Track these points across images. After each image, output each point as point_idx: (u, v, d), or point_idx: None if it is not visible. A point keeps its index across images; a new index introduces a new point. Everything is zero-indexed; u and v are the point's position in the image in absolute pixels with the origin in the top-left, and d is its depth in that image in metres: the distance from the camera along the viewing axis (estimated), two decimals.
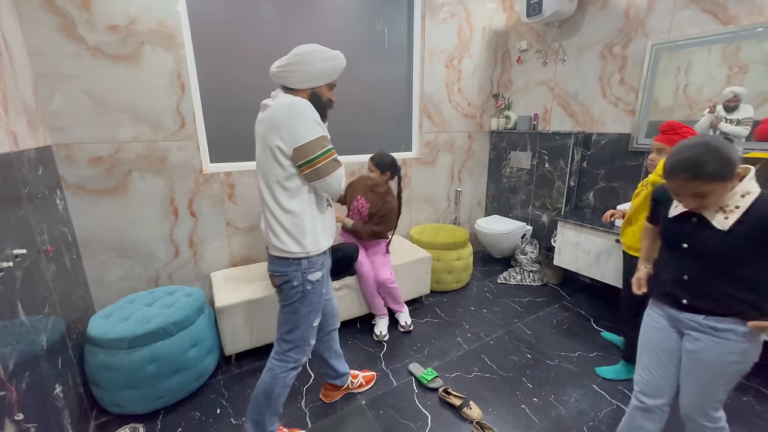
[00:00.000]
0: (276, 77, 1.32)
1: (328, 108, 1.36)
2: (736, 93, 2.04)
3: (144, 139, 1.99)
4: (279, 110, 1.19)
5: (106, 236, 1.99)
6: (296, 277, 1.29)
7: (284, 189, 1.23)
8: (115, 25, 1.82)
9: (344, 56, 1.33)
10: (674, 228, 1.12)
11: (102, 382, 1.60)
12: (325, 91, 1.33)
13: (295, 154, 1.18)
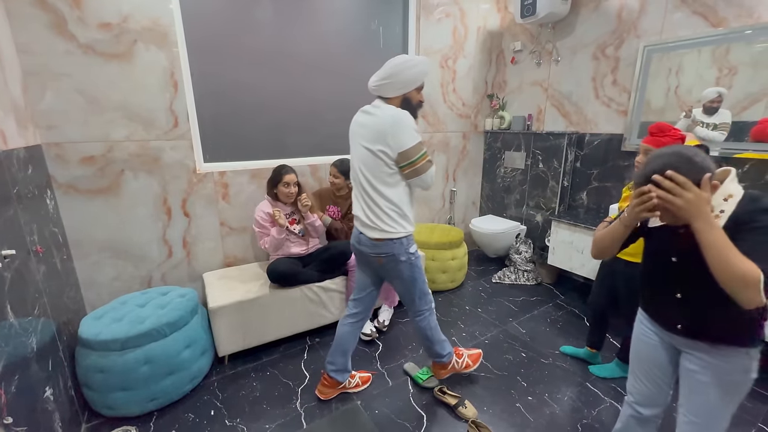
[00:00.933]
0: (374, 91, 1.54)
1: (419, 109, 1.56)
2: (721, 93, 2.05)
3: (137, 138, 1.96)
4: (384, 120, 1.44)
5: (98, 236, 1.97)
6: (402, 253, 1.53)
7: (387, 184, 1.48)
8: (108, 23, 1.80)
9: (426, 61, 1.54)
10: (660, 240, 1.03)
11: (94, 385, 1.58)
12: (415, 95, 1.53)
13: (399, 157, 1.43)
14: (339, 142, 2.71)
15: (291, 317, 2.13)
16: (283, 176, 2.08)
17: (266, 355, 2.09)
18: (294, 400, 1.77)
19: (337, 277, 2.24)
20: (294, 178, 2.11)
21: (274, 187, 2.11)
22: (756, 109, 1.98)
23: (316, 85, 2.53)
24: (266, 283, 2.10)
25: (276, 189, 2.10)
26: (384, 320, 2.29)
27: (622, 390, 1.82)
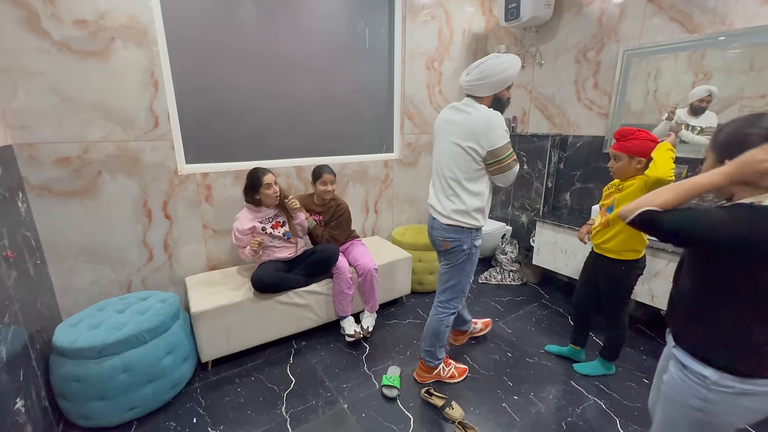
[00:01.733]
0: (467, 90, 1.60)
1: (507, 106, 1.64)
2: (711, 91, 2.05)
3: (115, 138, 1.91)
4: (479, 121, 1.52)
5: (74, 240, 1.90)
6: (467, 242, 1.65)
7: (472, 179, 1.59)
8: (83, 20, 1.74)
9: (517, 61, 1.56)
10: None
11: (69, 394, 1.52)
12: (505, 93, 1.60)
13: (488, 155, 1.53)
14: (325, 143, 2.70)
15: (276, 321, 2.10)
16: (263, 178, 2.03)
17: (251, 360, 2.06)
18: (279, 406, 1.74)
19: (324, 280, 2.22)
20: (273, 177, 2.07)
21: (256, 192, 2.05)
22: (729, 113, 2.05)
23: (301, 86, 2.51)
24: (251, 287, 2.06)
25: (258, 194, 2.05)
26: (368, 326, 2.26)
27: (605, 387, 1.85)
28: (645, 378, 1.91)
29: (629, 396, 1.79)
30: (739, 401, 0.85)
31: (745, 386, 0.83)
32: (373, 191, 2.99)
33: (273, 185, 2.06)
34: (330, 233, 2.33)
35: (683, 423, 0.93)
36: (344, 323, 2.26)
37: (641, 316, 2.47)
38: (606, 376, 1.93)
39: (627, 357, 2.07)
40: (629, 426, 1.63)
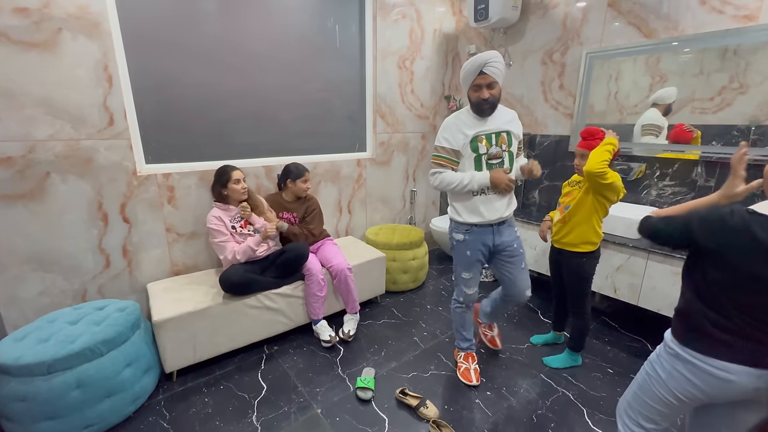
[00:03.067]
0: None
1: (482, 106, 1.62)
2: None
3: (64, 137, 1.77)
4: None
5: (19, 247, 1.75)
6: (451, 233, 1.83)
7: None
8: (25, 8, 1.60)
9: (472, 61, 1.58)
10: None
11: (14, 415, 1.40)
12: (471, 94, 1.63)
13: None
14: (295, 142, 2.63)
15: (246, 326, 2.02)
16: (231, 173, 2.01)
17: (219, 368, 1.98)
18: (250, 414, 1.68)
19: (295, 282, 2.17)
20: (241, 173, 2.06)
21: (224, 187, 2.01)
22: (682, 114, 2.17)
23: (269, 83, 2.43)
24: (219, 292, 1.98)
25: (226, 189, 2.01)
26: (349, 330, 2.23)
27: (572, 379, 1.91)
28: (610, 368, 1.99)
29: (595, 386, 1.86)
30: (675, 363, 0.99)
31: (680, 351, 0.98)
32: (346, 191, 2.95)
33: (242, 181, 2.04)
34: (307, 228, 2.32)
35: (640, 376, 1.11)
36: (318, 328, 2.21)
37: (606, 309, 2.58)
38: (573, 368, 1.99)
39: (592, 348, 2.15)
40: (595, 415, 1.69)
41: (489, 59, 1.55)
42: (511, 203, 1.74)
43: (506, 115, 1.70)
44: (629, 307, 2.24)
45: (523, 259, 1.79)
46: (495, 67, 1.56)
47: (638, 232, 1.06)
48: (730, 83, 1.98)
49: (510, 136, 1.68)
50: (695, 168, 2.14)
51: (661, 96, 2.23)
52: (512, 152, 1.69)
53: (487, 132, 1.65)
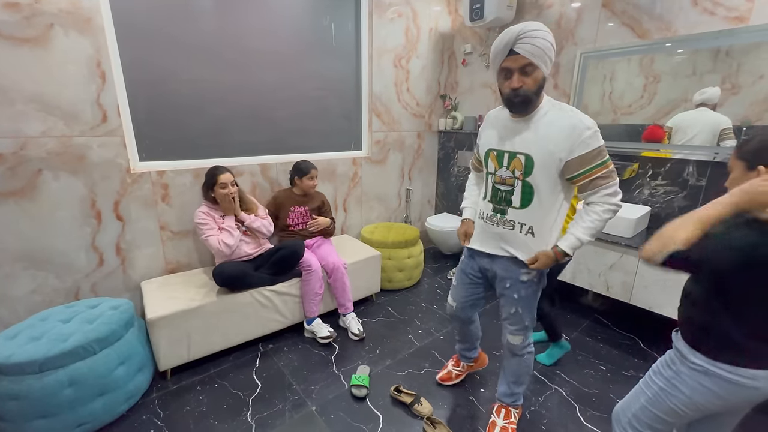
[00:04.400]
0: None
1: (512, 100, 1.19)
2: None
3: (56, 134, 1.75)
4: None
5: (10, 245, 1.73)
6: None
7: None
8: (16, 3, 1.58)
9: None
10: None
11: (6, 414, 1.39)
12: (500, 84, 1.22)
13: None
14: (290, 140, 2.63)
15: (241, 324, 2.02)
16: (218, 176, 1.97)
17: (214, 366, 1.97)
18: (244, 412, 1.68)
19: (290, 280, 2.17)
20: (230, 177, 2.01)
21: (210, 189, 2.00)
22: (676, 114, 2.19)
23: (264, 81, 2.42)
24: (213, 290, 1.97)
25: (213, 192, 1.99)
26: (358, 328, 2.24)
27: (565, 376, 1.93)
28: (602, 366, 2.01)
29: (588, 383, 1.88)
30: (701, 379, 0.93)
31: (709, 366, 0.91)
32: (341, 189, 2.95)
33: (229, 186, 1.99)
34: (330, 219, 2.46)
35: (650, 389, 1.04)
36: (314, 326, 2.21)
37: (598, 306, 2.61)
38: (567, 365, 2.01)
39: (585, 346, 2.17)
40: (587, 411, 1.71)
41: (521, 33, 1.09)
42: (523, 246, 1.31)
43: (552, 129, 1.18)
44: (621, 305, 2.27)
45: (517, 304, 1.40)
46: (532, 45, 1.09)
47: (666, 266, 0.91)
48: (722, 84, 2.00)
49: (530, 161, 1.20)
50: (687, 167, 2.17)
51: (710, 96, 2.04)
52: (530, 183, 1.23)
53: (499, 149, 1.29)
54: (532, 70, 1.13)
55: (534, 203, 1.25)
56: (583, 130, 1.14)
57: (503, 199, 1.31)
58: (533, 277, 1.36)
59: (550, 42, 1.12)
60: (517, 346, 1.48)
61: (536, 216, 1.27)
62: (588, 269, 2.26)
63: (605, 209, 1.20)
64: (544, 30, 1.12)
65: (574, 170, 1.18)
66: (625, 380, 1.89)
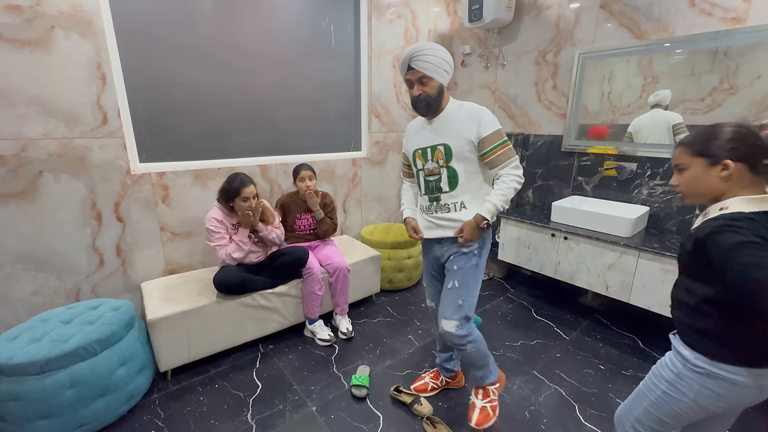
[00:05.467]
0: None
1: (416, 105, 1.43)
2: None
3: (57, 135, 1.76)
4: None
5: (10, 246, 1.74)
6: None
7: None
8: (17, 5, 1.59)
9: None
10: None
11: (7, 415, 1.40)
12: (408, 90, 1.44)
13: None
14: (289, 141, 2.63)
15: (241, 325, 2.03)
16: (242, 190, 1.90)
17: (214, 366, 1.98)
18: (245, 413, 1.69)
19: (292, 281, 2.18)
20: (253, 190, 1.95)
21: (230, 200, 1.94)
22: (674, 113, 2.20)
23: (264, 82, 2.43)
24: (213, 291, 1.98)
25: (233, 202, 1.94)
26: (348, 328, 2.25)
27: (565, 376, 1.94)
28: (601, 365, 2.02)
29: (587, 382, 1.89)
30: (706, 383, 0.91)
31: (714, 369, 0.89)
32: (341, 190, 2.96)
33: (251, 200, 1.93)
34: (332, 220, 2.43)
35: (652, 393, 1.02)
36: (315, 327, 2.22)
37: (597, 306, 2.61)
38: (567, 365, 2.02)
39: (584, 345, 2.18)
40: (587, 410, 1.71)
41: (414, 53, 1.33)
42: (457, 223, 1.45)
43: (458, 120, 1.41)
44: (620, 304, 2.28)
45: (455, 277, 1.47)
46: (424, 61, 1.33)
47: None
48: (720, 84, 2.01)
49: (448, 149, 1.41)
50: None
51: (663, 98, 2.21)
52: (453, 168, 1.42)
53: (422, 147, 1.48)
54: (428, 81, 1.36)
55: (460, 183, 1.44)
56: (483, 116, 1.39)
57: (435, 188, 1.49)
58: (474, 249, 1.47)
59: (442, 57, 1.36)
60: (452, 334, 1.46)
61: (465, 193, 1.45)
62: (587, 269, 2.27)
63: (511, 179, 1.42)
64: (435, 48, 1.35)
65: (483, 148, 1.40)
66: (625, 380, 1.90)
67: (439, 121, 1.44)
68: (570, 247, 2.34)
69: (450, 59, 1.39)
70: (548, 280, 2.75)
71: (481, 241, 1.47)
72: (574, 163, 2.70)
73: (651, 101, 2.26)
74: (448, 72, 1.39)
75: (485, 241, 1.50)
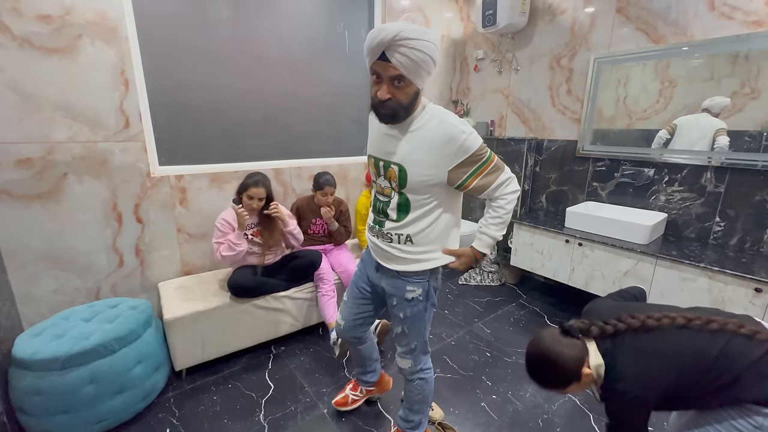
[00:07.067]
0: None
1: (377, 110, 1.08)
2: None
3: (81, 139, 1.83)
4: None
5: (36, 246, 1.80)
6: None
7: None
8: (47, 15, 1.66)
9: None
10: None
11: (30, 409, 1.44)
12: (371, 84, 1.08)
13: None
14: (303, 145, 2.67)
15: (254, 326, 2.05)
16: (249, 188, 1.96)
17: (227, 366, 2.01)
18: (257, 413, 1.70)
19: (305, 284, 2.20)
20: (261, 192, 1.98)
21: (239, 193, 2.01)
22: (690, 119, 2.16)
23: (279, 87, 2.47)
24: (227, 292, 2.01)
25: (241, 196, 2.00)
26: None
27: None
28: None
29: None
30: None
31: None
32: (353, 194, 2.98)
33: (255, 200, 1.97)
34: (344, 227, 2.46)
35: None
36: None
37: None
38: None
39: None
40: (602, 420, 1.68)
41: (398, 36, 0.92)
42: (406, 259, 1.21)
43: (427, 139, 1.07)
44: None
45: (402, 324, 1.31)
46: (406, 56, 0.95)
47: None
48: (741, 88, 1.97)
49: (403, 172, 1.10)
50: (704, 173, 2.13)
51: (715, 105, 2.08)
52: (406, 196, 1.14)
53: (375, 156, 1.19)
54: (405, 85, 1.01)
55: (411, 216, 1.16)
56: (458, 136, 1.06)
57: (381, 211, 1.22)
58: (418, 295, 1.25)
59: (430, 56, 0.98)
60: (406, 370, 1.39)
61: (413, 227, 1.18)
62: (602, 276, 2.23)
63: (507, 201, 1.19)
64: (425, 40, 0.95)
65: (460, 176, 1.11)
66: None
67: (403, 132, 1.10)
68: (584, 254, 2.30)
69: (438, 56, 1.03)
70: (562, 287, 2.71)
71: (425, 284, 1.26)
72: (588, 168, 2.67)
73: (704, 105, 2.10)
74: (430, 74, 1.03)
75: (429, 285, 1.27)
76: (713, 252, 1.98)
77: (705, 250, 2.02)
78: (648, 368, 0.93)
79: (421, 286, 1.25)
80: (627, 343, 0.97)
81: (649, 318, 0.97)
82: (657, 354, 0.94)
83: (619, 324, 0.98)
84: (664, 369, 0.93)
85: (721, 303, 1.76)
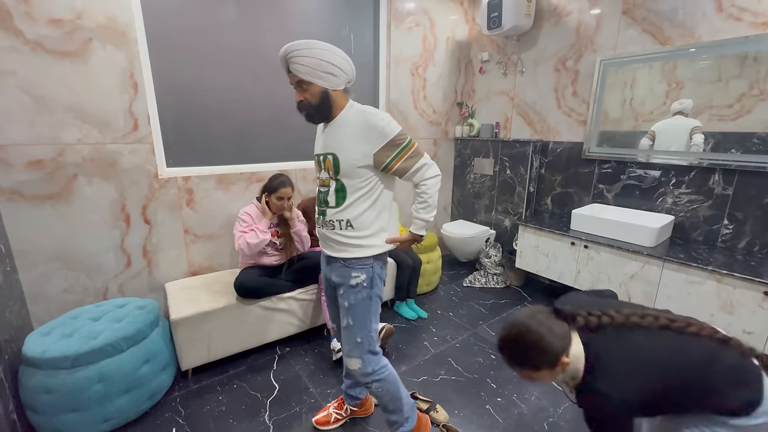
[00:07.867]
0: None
1: (300, 112, 1.32)
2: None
3: (91, 141, 1.85)
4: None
5: (46, 246, 1.83)
6: None
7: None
8: (59, 19, 1.69)
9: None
10: None
11: (40, 407, 1.46)
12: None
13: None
14: (308, 147, 2.68)
15: (259, 327, 2.06)
16: (279, 189, 2.01)
17: (233, 367, 2.02)
18: (262, 413, 1.71)
19: (310, 285, 2.20)
20: (290, 192, 2.04)
21: (268, 195, 2.05)
22: (700, 120, 2.14)
23: (284, 89, 2.47)
24: (233, 293, 2.02)
25: (269, 197, 2.04)
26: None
27: None
28: None
29: None
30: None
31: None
32: None
33: (285, 200, 2.04)
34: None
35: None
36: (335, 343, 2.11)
37: None
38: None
39: None
40: None
41: (287, 53, 1.17)
42: (349, 244, 1.29)
43: (352, 130, 1.23)
44: None
45: (348, 315, 1.32)
46: (298, 63, 1.16)
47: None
48: (749, 90, 1.95)
49: (336, 160, 1.24)
50: (712, 176, 2.11)
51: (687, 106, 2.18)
52: (341, 181, 1.26)
53: (317, 153, 1.35)
54: (307, 86, 1.20)
55: (348, 201, 1.27)
56: (377, 123, 1.21)
57: (323, 201, 1.33)
58: (362, 281, 1.30)
59: (321, 58, 1.17)
60: (356, 371, 1.35)
61: (351, 211, 1.28)
62: (608, 278, 2.22)
63: (428, 186, 1.32)
64: (311, 48, 1.16)
65: (383, 160, 1.24)
66: None
67: (331, 129, 1.28)
68: (590, 256, 2.29)
69: (336, 59, 1.20)
70: (567, 290, 2.69)
71: (369, 270, 1.31)
72: (594, 170, 2.66)
73: (674, 108, 2.22)
74: (334, 74, 1.20)
75: (374, 272, 1.33)
76: (721, 255, 1.96)
77: (713, 253, 2.00)
78: (632, 368, 0.89)
79: (365, 272, 1.31)
80: (610, 338, 0.93)
81: (634, 315, 0.94)
82: (641, 353, 0.90)
83: (603, 317, 0.94)
84: (649, 370, 0.89)
85: (729, 306, 1.74)
